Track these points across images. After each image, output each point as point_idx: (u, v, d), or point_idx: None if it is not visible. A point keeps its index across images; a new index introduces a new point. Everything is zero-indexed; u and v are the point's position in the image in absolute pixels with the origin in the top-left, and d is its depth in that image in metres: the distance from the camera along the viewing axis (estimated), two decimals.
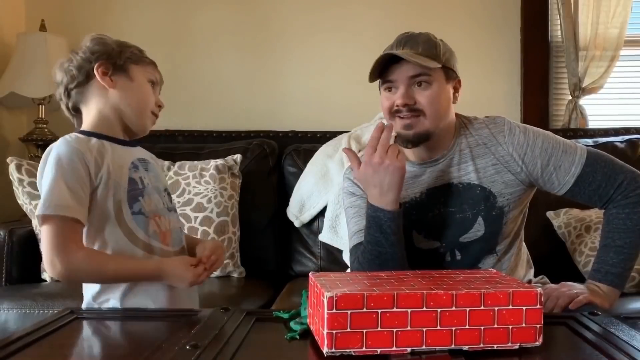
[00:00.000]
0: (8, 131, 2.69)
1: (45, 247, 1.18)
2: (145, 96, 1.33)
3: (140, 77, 1.34)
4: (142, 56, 1.36)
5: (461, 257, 1.45)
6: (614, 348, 0.90)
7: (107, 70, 1.30)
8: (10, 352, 0.91)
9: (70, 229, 1.18)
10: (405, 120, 1.37)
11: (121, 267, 1.23)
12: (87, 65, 1.30)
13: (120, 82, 1.31)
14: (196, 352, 0.88)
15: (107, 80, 1.29)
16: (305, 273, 2.04)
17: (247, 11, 2.77)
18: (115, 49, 1.32)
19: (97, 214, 1.23)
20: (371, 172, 1.31)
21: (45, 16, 2.64)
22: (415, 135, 1.37)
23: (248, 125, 2.59)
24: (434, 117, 1.36)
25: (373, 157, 1.30)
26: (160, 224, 1.30)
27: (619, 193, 1.36)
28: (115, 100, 1.30)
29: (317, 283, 0.93)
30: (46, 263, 1.19)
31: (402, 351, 0.87)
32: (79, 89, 1.31)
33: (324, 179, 2.27)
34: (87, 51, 1.31)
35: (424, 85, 1.36)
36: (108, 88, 1.30)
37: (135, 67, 1.33)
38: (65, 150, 1.21)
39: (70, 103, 1.33)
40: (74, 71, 1.31)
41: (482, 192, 1.41)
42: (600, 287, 1.34)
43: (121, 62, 1.31)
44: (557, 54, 2.73)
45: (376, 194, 1.31)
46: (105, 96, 1.30)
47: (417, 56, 1.34)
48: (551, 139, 1.40)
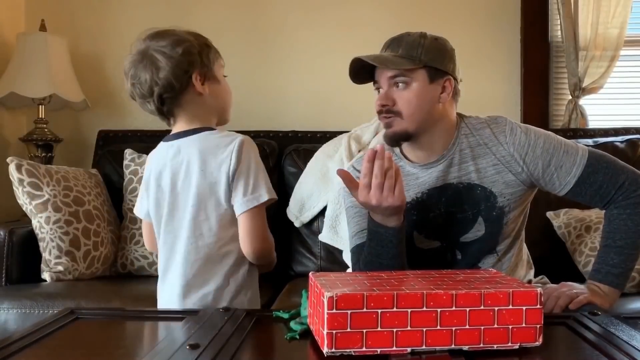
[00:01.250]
0: (8, 131, 2.70)
1: (261, 225, 1.35)
2: (229, 93, 1.43)
3: (221, 75, 1.41)
4: (215, 50, 1.40)
5: (461, 257, 1.45)
6: (614, 348, 0.90)
7: (202, 78, 1.36)
8: (10, 352, 0.91)
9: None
10: (385, 120, 1.39)
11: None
12: (183, 74, 1.32)
13: (211, 88, 1.37)
14: (196, 352, 0.88)
15: (204, 88, 1.36)
16: (305, 273, 2.04)
17: (247, 11, 2.77)
18: (202, 53, 1.35)
19: None
20: (370, 209, 1.29)
21: (45, 16, 2.64)
22: (394, 135, 1.39)
23: (248, 125, 2.58)
24: (411, 117, 1.37)
25: (369, 199, 1.24)
26: None
27: (620, 194, 1.36)
28: (210, 102, 1.39)
29: (317, 283, 0.93)
30: (258, 240, 1.34)
31: (402, 351, 0.87)
32: (176, 97, 1.34)
33: (324, 179, 2.27)
34: (182, 60, 1.32)
35: (401, 86, 1.37)
36: (203, 94, 1.36)
37: (217, 65, 1.39)
38: (253, 146, 1.37)
39: (164, 108, 1.36)
40: (171, 80, 1.32)
41: (483, 192, 1.41)
42: (601, 287, 1.34)
43: (209, 64, 1.36)
44: (557, 54, 2.73)
45: (379, 218, 1.30)
46: (201, 101, 1.37)
47: (389, 59, 1.36)
48: (553, 139, 1.40)
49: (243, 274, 1.37)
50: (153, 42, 1.33)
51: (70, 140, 2.73)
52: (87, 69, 2.75)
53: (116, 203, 2.29)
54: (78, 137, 2.79)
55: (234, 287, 1.36)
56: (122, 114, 2.76)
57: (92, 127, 2.71)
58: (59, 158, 2.65)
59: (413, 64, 1.35)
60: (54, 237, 2.00)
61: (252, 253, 1.35)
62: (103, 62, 2.79)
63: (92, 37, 2.78)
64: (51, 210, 2.01)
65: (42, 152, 2.56)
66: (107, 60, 2.78)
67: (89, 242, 2.06)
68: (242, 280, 1.37)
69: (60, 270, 1.98)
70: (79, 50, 2.74)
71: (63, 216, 2.02)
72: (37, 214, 2.01)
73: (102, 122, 2.71)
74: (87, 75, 2.74)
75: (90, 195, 2.15)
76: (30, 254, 2.02)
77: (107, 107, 2.79)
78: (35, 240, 2.02)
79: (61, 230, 2.00)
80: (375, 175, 1.23)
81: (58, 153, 2.65)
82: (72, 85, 2.61)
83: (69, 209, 2.04)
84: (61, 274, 1.98)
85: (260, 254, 1.36)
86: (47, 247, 2.00)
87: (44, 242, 2.00)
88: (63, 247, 1.99)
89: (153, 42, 1.33)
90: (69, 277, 1.99)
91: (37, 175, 2.03)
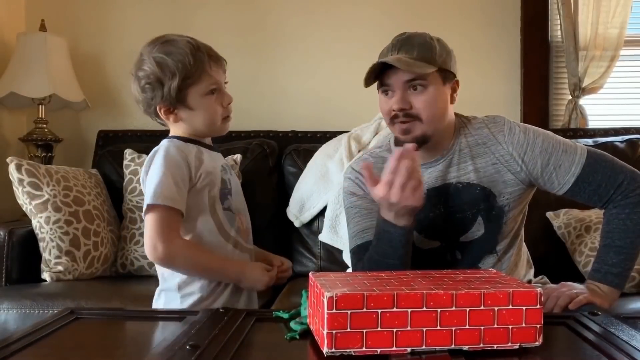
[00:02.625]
0: (8, 131, 2.69)
1: (149, 232, 1.29)
2: (209, 115, 1.38)
3: (197, 99, 1.36)
4: (194, 72, 1.34)
5: (461, 256, 1.45)
6: (614, 348, 0.90)
7: (168, 108, 1.36)
8: (10, 352, 0.91)
9: (173, 218, 1.30)
10: (402, 126, 1.37)
11: (211, 262, 1.34)
12: (150, 104, 1.37)
13: (183, 114, 1.37)
14: (196, 352, 0.88)
15: (172, 117, 1.37)
16: (305, 273, 2.03)
17: (247, 11, 2.77)
18: (168, 81, 1.33)
19: (193, 207, 1.34)
20: (386, 205, 1.27)
21: (45, 16, 2.64)
22: (414, 140, 1.37)
23: (248, 125, 2.59)
24: (430, 121, 1.36)
25: (390, 196, 1.24)
26: (242, 222, 1.44)
27: (619, 193, 1.36)
28: (187, 125, 1.39)
29: (317, 283, 0.93)
30: (148, 247, 1.29)
31: (402, 351, 0.87)
32: (157, 118, 1.41)
33: (324, 179, 2.27)
34: (145, 91, 1.35)
35: (419, 89, 1.35)
36: (175, 122, 1.38)
37: (190, 90, 1.35)
38: (172, 151, 1.34)
39: (156, 120, 1.43)
40: (144, 109, 1.39)
41: (482, 191, 1.41)
42: (600, 287, 1.34)
43: (174, 93, 1.34)
44: (557, 54, 2.73)
45: (390, 216, 1.29)
46: (179, 124, 1.39)
47: (411, 62, 1.33)
48: (551, 139, 1.40)
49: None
50: (138, 63, 1.37)
51: (70, 140, 2.73)
52: (87, 69, 2.75)
53: (116, 203, 2.29)
54: (78, 137, 2.79)
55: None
56: (122, 114, 2.77)
57: (92, 127, 2.71)
58: (59, 158, 2.65)
59: (431, 66, 1.34)
60: (54, 237, 2.00)
61: (148, 257, 1.32)
62: (103, 62, 2.79)
63: (92, 37, 2.78)
64: (51, 210, 2.01)
65: (42, 152, 2.56)
66: (107, 60, 2.78)
67: (89, 242, 2.06)
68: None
69: (60, 270, 1.98)
70: (79, 50, 2.74)
71: (63, 216, 2.02)
72: (37, 214, 2.01)
73: (102, 122, 2.71)
74: (87, 75, 2.74)
75: (90, 195, 2.15)
76: (30, 254, 2.01)
77: (107, 107, 2.79)
78: (35, 240, 2.02)
79: (61, 230, 2.00)
80: (401, 175, 1.23)
81: (58, 153, 2.65)
82: (72, 85, 2.61)
83: (69, 209, 2.04)
84: (61, 274, 1.98)
85: (152, 259, 1.31)
86: (47, 247, 2.00)
87: (43, 242, 2.00)
88: (63, 247, 1.99)
89: (138, 65, 1.37)
90: (68, 277, 1.99)
91: (37, 175, 2.03)
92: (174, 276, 1.36)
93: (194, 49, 1.35)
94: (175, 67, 1.33)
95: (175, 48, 1.34)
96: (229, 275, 1.36)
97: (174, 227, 1.30)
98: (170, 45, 1.35)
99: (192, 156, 1.35)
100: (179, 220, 1.31)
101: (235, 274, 1.36)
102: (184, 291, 1.35)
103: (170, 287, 1.36)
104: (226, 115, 1.41)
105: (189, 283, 1.35)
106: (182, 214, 1.31)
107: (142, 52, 1.37)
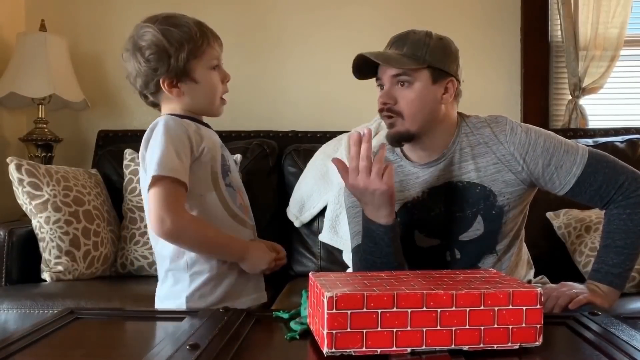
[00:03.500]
0: (8, 131, 2.69)
1: (155, 205, 1.24)
2: (212, 90, 1.37)
3: (203, 72, 1.35)
4: (200, 44, 1.34)
5: (461, 256, 1.45)
6: (614, 348, 0.90)
7: (172, 81, 1.33)
8: (10, 352, 0.91)
9: (179, 191, 1.26)
10: (387, 120, 1.39)
11: (218, 237, 1.32)
12: (152, 77, 1.33)
13: (186, 88, 1.35)
14: (196, 352, 0.88)
15: (175, 91, 1.34)
16: (305, 273, 2.04)
17: (247, 11, 2.77)
18: (174, 52, 1.31)
19: (197, 182, 1.31)
20: (359, 195, 1.30)
21: (45, 16, 2.64)
22: (397, 135, 1.39)
23: (248, 125, 2.59)
24: (412, 118, 1.37)
25: (357, 182, 1.26)
26: (242, 199, 1.42)
27: (620, 194, 1.36)
28: (186, 102, 1.36)
29: (317, 283, 0.93)
30: (155, 221, 1.24)
31: (402, 351, 0.87)
32: (153, 95, 1.37)
33: (324, 179, 2.27)
34: (150, 62, 1.31)
35: (405, 85, 1.37)
36: (177, 96, 1.35)
37: (196, 62, 1.34)
38: (172, 123, 1.30)
39: (147, 101, 1.40)
40: (143, 84, 1.35)
41: (482, 190, 1.41)
42: (600, 287, 1.34)
43: (182, 64, 1.32)
44: (557, 54, 2.73)
45: (369, 210, 1.31)
46: (178, 100, 1.36)
47: (395, 57, 1.35)
48: (553, 139, 1.40)
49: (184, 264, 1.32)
50: (139, 35, 1.34)
51: (70, 140, 2.72)
52: (87, 69, 2.75)
53: (116, 203, 2.29)
54: (78, 137, 2.79)
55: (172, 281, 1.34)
56: (122, 114, 2.77)
57: (92, 127, 2.71)
58: (58, 158, 2.65)
59: (417, 63, 1.35)
60: (54, 237, 1.99)
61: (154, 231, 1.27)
62: (103, 62, 2.79)
63: (92, 37, 2.78)
64: (51, 210, 2.01)
65: (42, 152, 2.56)
66: (107, 60, 2.78)
67: (89, 242, 2.06)
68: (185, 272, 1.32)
69: (60, 270, 1.98)
70: (79, 50, 2.74)
71: (63, 216, 2.02)
72: (37, 214, 2.01)
73: (102, 122, 2.71)
74: (87, 75, 2.74)
75: (90, 195, 2.15)
76: (30, 254, 2.01)
77: (107, 107, 2.79)
78: (35, 240, 2.02)
79: (61, 230, 2.00)
80: (361, 158, 1.25)
81: (58, 153, 2.65)
82: (72, 85, 2.60)
83: (69, 209, 2.04)
84: (61, 274, 1.98)
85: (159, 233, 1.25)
86: (47, 247, 2.00)
87: (43, 242, 2.00)
88: (63, 247, 1.99)
89: (138, 36, 1.34)
90: (68, 277, 1.99)
91: (37, 175, 2.03)
92: (182, 255, 1.32)
93: (197, 23, 1.35)
94: (182, 37, 1.31)
95: (179, 21, 1.34)
96: (233, 253, 1.33)
97: (180, 200, 1.26)
98: (174, 18, 1.35)
99: (191, 130, 1.32)
100: (184, 193, 1.27)
101: (240, 251, 1.33)
102: (192, 270, 1.32)
103: (178, 266, 1.33)
104: (225, 92, 1.40)
105: (197, 261, 1.32)
106: (186, 187, 1.27)
107: (140, 26, 1.34)
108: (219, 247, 1.32)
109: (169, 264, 1.34)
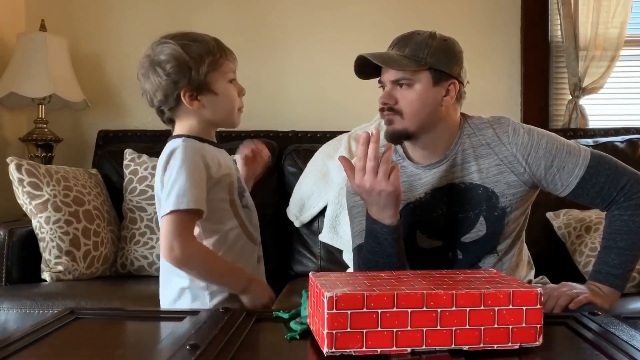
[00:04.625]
0: (8, 131, 2.69)
1: (166, 232, 1.27)
2: (231, 102, 1.39)
3: (222, 84, 1.37)
4: (218, 58, 1.35)
5: (462, 256, 1.45)
6: (614, 348, 0.90)
7: (192, 93, 1.34)
8: (10, 352, 0.91)
9: (191, 220, 1.29)
10: (386, 117, 1.40)
11: (224, 267, 1.34)
12: (173, 90, 1.34)
13: (206, 100, 1.36)
14: (196, 352, 0.88)
15: (195, 103, 1.35)
16: (305, 273, 2.04)
17: (247, 11, 2.77)
18: (195, 65, 1.32)
19: (218, 209, 1.35)
20: (365, 195, 1.30)
21: (45, 16, 2.64)
22: (394, 132, 1.39)
23: (248, 125, 2.58)
24: (411, 118, 1.37)
25: (364, 182, 1.26)
26: (255, 217, 1.46)
27: (621, 195, 1.36)
28: (206, 115, 1.37)
29: (317, 283, 0.93)
30: (164, 247, 1.27)
31: (402, 351, 0.87)
32: (172, 110, 1.37)
33: (324, 179, 2.27)
34: (171, 75, 1.32)
35: (405, 87, 1.37)
36: (197, 109, 1.35)
37: (215, 75, 1.35)
38: (190, 151, 1.31)
39: (163, 117, 1.40)
40: (163, 97, 1.35)
41: (485, 192, 1.41)
42: (601, 288, 1.34)
43: (202, 77, 1.33)
44: (557, 54, 2.73)
45: (374, 210, 1.31)
46: (197, 113, 1.36)
47: (396, 58, 1.35)
48: (555, 140, 1.40)
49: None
50: (157, 51, 1.34)
51: (70, 140, 2.72)
52: (87, 69, 2.75)
53: (116, 203, 2.29)
54: (78, 137, 2.78)
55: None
56: (122, 114, 2.76)
57: (92, 127, 2.71)
58: (59, 158, 2.65)
59: (417, 65, 1.35)
60: (54, 237, 2.00)
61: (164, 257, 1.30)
62: (103, 62, 2.79)
63: (92, 37, 2.78)
64: (51, 210, 2.01)
65: (42, 152, 2.56)
66: (107, 60, 2.78)
67: (89, 242, 2.06)
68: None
69: (60, 270, 1.98)
70: (79, 50, 2.74)
71: (63, 216, 2.02)
72: (37, 214, 2.01)
73: (102, 122, 2.71)
74: (87, 75, 2.74)
75: (90, 195, 2.15)
76: (30, 254, 2.01)
77: (107, 107, 2.79)
78: (35, 240, 2.02)
79: (61, 230, 2.00)
80: (369, 159, 1.25)
81: (58, 153, 2.65)
82: (72, 85, 2.60)
83: (69, 209, 2.04)
84: (61, 274, 1.98)
85: (168, 260, 1.28)
86: (47, 247, 2.00)
87: (44, 242, 2.00)
88: (63, 247, 1.99)
89: (157, 52, 1.34)
90: (68, 277, 1.99)
91: (37, 175, 2.03)
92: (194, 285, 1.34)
93: (213, 39, 1.37)
94: (201, 51, 1.33)
95: (197, 36, 1.36)
96: (237, 285, 1.35)
97: (190, 227, 1.30)
98: (190, 34, 1.36)
99: (209, 156, 1.34)
100: (195, 220, 1.30)
101: (243, 284, 1.35)
102: (212, 288, 1.34)
103: (197, 285, 1.34)
104: (241, 105, 1.42)
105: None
106: (202, 213, 1.30)
107: (156, 43, 1.35)
108: (224, 277, 1.35)
109: (189, 283, 1.35)
